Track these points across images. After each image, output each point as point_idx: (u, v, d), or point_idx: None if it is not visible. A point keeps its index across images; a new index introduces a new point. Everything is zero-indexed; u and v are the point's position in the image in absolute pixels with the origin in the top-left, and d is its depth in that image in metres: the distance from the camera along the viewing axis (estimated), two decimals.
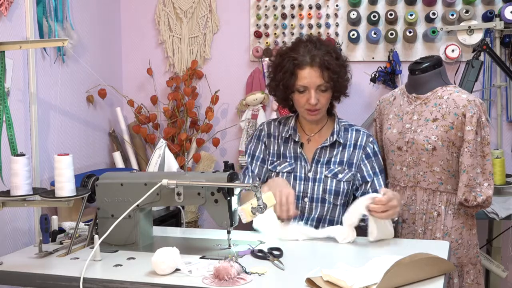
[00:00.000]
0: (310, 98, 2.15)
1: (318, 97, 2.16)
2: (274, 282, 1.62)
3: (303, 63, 2.14)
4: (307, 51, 2.16)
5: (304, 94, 2.17)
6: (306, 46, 2.18)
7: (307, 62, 2.14)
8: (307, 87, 2.15)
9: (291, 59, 2.16)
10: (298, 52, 2.17)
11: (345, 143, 2.25)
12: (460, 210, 2.24)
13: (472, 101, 2.19)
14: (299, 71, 2.15)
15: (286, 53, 2.20)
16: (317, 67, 2.14)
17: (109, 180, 2.01)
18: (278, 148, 2.29)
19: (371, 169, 2.24)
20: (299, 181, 2.23)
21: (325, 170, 2.22)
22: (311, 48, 2.17)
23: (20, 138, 2.42)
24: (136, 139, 3.31)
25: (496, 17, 2.93)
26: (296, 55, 2.16)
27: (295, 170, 2.24)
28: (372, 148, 2.27)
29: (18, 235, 2.47)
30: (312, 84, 2.14)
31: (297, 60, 2.15)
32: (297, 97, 2.19)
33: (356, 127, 2.31)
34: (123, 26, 3.46)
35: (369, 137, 2.29)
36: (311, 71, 2.14)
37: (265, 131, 2.34)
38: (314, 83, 2.14)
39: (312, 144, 2.28)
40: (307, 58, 2.14)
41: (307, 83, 2.14)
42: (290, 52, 2.19)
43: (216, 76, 3.35)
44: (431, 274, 1.60)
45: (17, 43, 2.25)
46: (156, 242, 2.04)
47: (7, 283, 1.82)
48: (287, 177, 2.23)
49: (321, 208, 2.22)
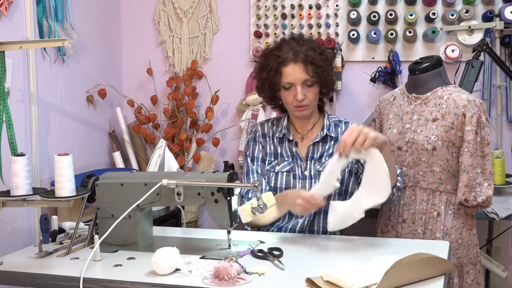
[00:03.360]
0: (296, 94, 2.15)
1: (305, 92, 2.15)
2: (274, 282, 1.62)
3: (286, 60, 2.14)
4: (290, 48, 2.17)
5: (290, 91, 2.17)
6: (289, 44, 2.19)
7: (291, 59, 2.14)
8: (292, 84, 2.15)
9: (275, 57, 2.16)
10: (281, 50, 2.17)
11: (337, 136, 2.25)
12: (460, 210, 2.24)
13: (472, 101, 2.19)
14: (283, 68, 2.15)
15: (270, 52, 2.21)
16: (300, 62, 2.13)
17: (109, 180, 2.01)
18: (275, 148, 2.28)
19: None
20: (298, 179, 2.22)
21: (317, 165, 2.21)
22: (294, 45, 2.17)
23: (20, 138, 2.42)
24: (136, 139, 3.31)
25: (496, 17, 2.93)
26: (279, 53, 2.16)
27: (293, 169, 2.23)
28: None
29: (18, 235, 2.47)
30: (297, 80, 2.14)
31: (281, 58, 2.15)
32: (284, 94, 2.19)
33: (345, 120, 2.31)
34: (123, 26, 3.46)
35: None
36: (295, 66, 2.14)
37: (259, 132, 2.33)
38: (299, 78, 2.14)
39: (305, 142, 2.27)
40: (290, 55, 2.15)
41: (292, 79, 2.14)
42: (274, 51, 2.20)
43: (216, 76, 3.35)
44: (431, 274, 1.60)
45: (17, 43, 2.25)
46: (156, 242, 2.04)
47: (7, 283, 1.82)
48: (286, 176, 2.22)
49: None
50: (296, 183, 2.22)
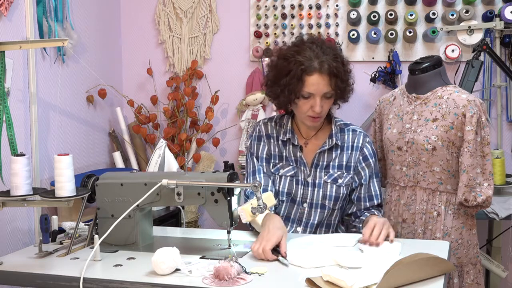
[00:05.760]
0: (315, 106, 2.06)
1: (322, 104, 2.08)
2: (274, 282, 1.62)
3: (311, 69, 2.03)
4: (315, 55, 2.04)
5: (308, 101, 2.07)
6: (312, 49, 2.06)
7: (316, 68, 2.03)
8: (312, 94, 2.06)
9: (298, 64, 2.04)
10: (304, 55, 2.05)
11: (343, 145, 2.20)
12: (460, 210, 2.24)
13: (472, 101, 2.19)
14: (307, 77, 2.03)
15: (292, 56, 2.07)
16: (326, 74, 2.03)
17: (109, 180, 2.01)
18: (280, 150, 2.22)
19: (368, 172, 2.20)
20: (300, 185, 2.19)
21: (324, 175, 2.17)
22: (318, 52, 2.05)
23: (20, 138, 2.42)
24: (136, 139, 3.31)
25: (496, 17, 2.93)
26: (302, 59, 2.04)
27: (297, 174, 2.19)
28: (369, 149, 2.22)
29: (18, 235, 2.47)
30: (319, 92, 2.04)
31: (304, 65, 2.03)
32: (301, 103, 2.09)
33: (352, 127, 2.25)
34: (123, 26, 3.46)
35: (366, 137, 2.24)
36: (320, 78, 2.03)
37: (263, 132, 2.25)
38: (321, 90, 2.05)
39: (310, 147, 2.21)
40: (315, 64, 2.03)
41: (314, 90, 2.04)
42: (297, 56, 2.06)
43: (216, 76, 3.35)
44: (431, 274, 1.60)
45: (17, 43, 2.25)
46: (156, 242, 2.04)
47: (7, 283, 1.82)
48: (290, 181, 2.18)
49: (320, 214, 2.18)
50: (298, 189, 2.18)
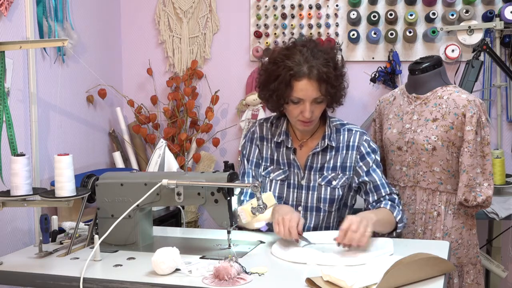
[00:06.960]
0: (304, 111, 2.01)
1: (313, 109, 2.02)
2: (274, 282, 1.62)
3: (299, 74, 1.97)
4: (304, 60, 1.98)
5: (298, 106, 2.03)
6: (302, 53, 2.00)
7: (304, 74, 1.97)
8: (302, 99, 2.01)
9: (287, 69, 1.98)
10: (293, 60, 1.99)
11: (338, 145, 2.14)
12: (460, 210, 2.24)
13: (472, 101, 2.19)
14: (295, 83, 1.98)
15: (282, 61, 2.01)
16: (314, 80, 1.97)
17: (109, 180, 2.01)
18: (272, 153, 2.19)
19: (366, 168, 2.12)
20: (292, 189, 2.14)
21: (318, 177, 2.12)
22: (308, 56, 1.99)
23: (20, 138, 2.42)
24: (136, 139, 3.31)
25: (496, 17, 2.93)
26: (292, 64, 1.98)
27: (288, 177, 2.15)
28: (366, 146, 2.13)
29: (18, 235, 2.47)
30: (308, 97, 1.99)
31: (293, 70, 1.97)
32: (291, 108, 2.05)
33: (348, 126, 2.17)
34: (123, 26, 3.46)
35: (363, 135, 2.15)
36: (308, 83, 1.97)
37: (257, 134, 2.22)
38: (310, 96, 1.99)
39: (304, 149, 2.17)
40: (304, 69, 1.97)
41: (303, 95, 1.99)
42: (286, 60, 2.00)
43: (216, 76, 3.35)
44: (431, 274, 1.60)
45: (17, 43, 2.25)
46: (156, 242, 2.04)
47: (7, 283, 1.82)
48: (280, 185, 2.15)
49: (316, 217, 2.14)
50: (290, 193, 2.15)
